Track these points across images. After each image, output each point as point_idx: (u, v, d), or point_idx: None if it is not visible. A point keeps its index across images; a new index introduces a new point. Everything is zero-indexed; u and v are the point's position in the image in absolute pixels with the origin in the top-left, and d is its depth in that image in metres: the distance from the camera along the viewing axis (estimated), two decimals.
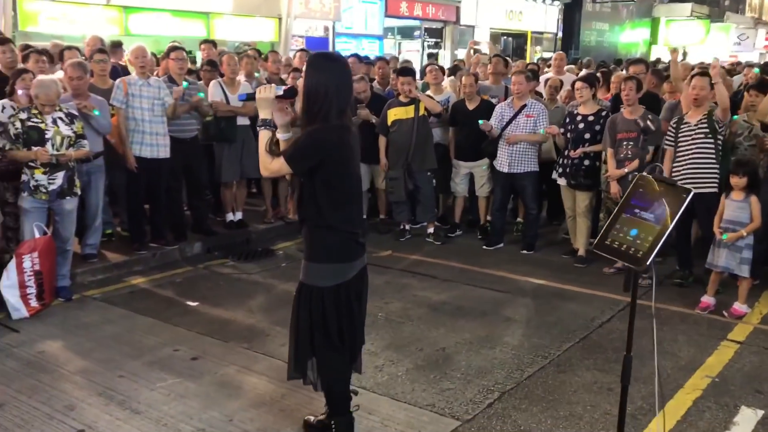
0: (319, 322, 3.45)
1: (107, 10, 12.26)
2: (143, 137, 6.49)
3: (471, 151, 7.59)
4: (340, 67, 3.41)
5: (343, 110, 3.36)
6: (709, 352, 4.96)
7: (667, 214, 2.52)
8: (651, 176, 2.69)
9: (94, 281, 6.28)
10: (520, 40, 24.89)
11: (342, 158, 3.36)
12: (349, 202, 3.44)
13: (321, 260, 3.44)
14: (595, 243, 2.90)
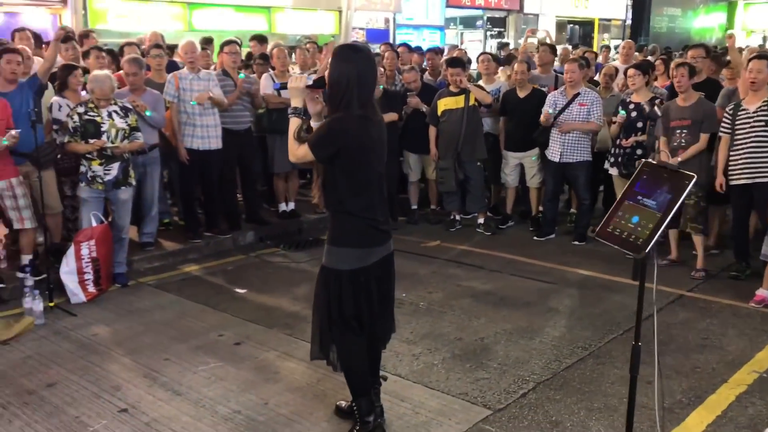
0: (335, 304, 3.53)
1: (172, 7, 12.66)
2: (194, 130, 6.69)
3: (521, 141, 7.50)
4: (363, 58, 3.43)
5: (366, 100, 3.40)
6: (760, 347, 4.78)
7: (669, 201, 2.44)
8: (655, 162, 2.61)
9: (150, 268, 6.53)
10: (587, 27, 24.33)
11: (361, 147, 3.40)
12: (368, 189, 3.48)
13: (340, 244, 3.51)
14: (597, 230, 2.84)
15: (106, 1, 11.66)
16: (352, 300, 3.53)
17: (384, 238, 3.58)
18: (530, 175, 7.64)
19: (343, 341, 3.59)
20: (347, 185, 3.43)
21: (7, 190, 5.49)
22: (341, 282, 3.51)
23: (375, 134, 3.47)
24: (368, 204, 3.48)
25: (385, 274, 3.65)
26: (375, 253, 3.55)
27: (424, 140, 7.75)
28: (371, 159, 3.46)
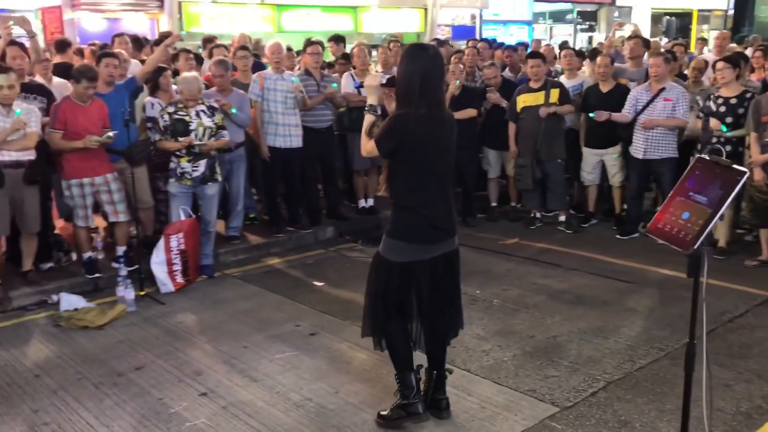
0: (381, 290, 3.67)
1: (262, 9, 13.12)
2: (277, 128, 6.92)
3: (602, 138, 7.35)
4: (428, 57, 3.51)
5: (429, 98, 3.46)
6: None
7: (720, 197, 2.37)
8: (708, 158, 2.54)
9: (235, 261, 6.81)
10: (684, 19, 23.41)
11: (419, 144, 3.48)
12: (425, 186, 3.55)
13: (394, 236, 3.64)
14: (649, 226, 2.79)
15: (200, 5, 12.21)
16: (397, 290, 3.65)
17: (440, 236, 3.62)
18: (612, 173, 7.47)
19: (385, 325, 3.73)
20: (405, 180, 3.55)
21: (103, 185, 5.87)
22: (390, 271, 3.64)
23: (437, 132, 3.53)
24: (425, 201, 3.56)
25: (444, 272, 3.70)
26: (429, 249, 3.61)
27: (504, 136, 7.72)
28: (430, 157, 3.53)
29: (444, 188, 3.62)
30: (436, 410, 3.84)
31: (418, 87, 3.42)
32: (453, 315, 3.82)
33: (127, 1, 11.33)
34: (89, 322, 5.21)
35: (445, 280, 3.71)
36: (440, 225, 3.60)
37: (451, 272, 3.74)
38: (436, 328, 3.78)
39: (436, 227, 3.59)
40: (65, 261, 6.34)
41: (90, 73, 5.74)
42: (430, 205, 3.56)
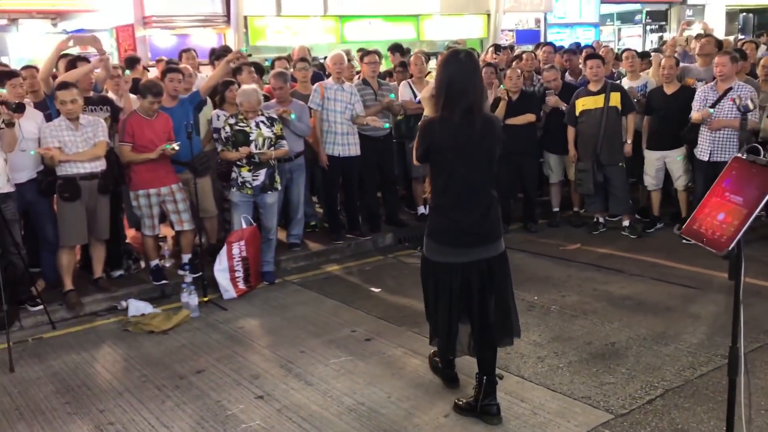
0: (423, 284, 3.99)
1: (325, 21, 13.34)
2: (335, 137, 7.03)
3: (665, 140, 7.16)
4: (457, 63, 3.61)
5: (457, 102, 3.54)
6: None
7: (756, 197, 2.29)
8: (745, 157, 2.46)
9: (296, 267, 6.96)
10: (763, 15, 22.49)
11: (445, 148, 3.61)
12: (452, 190, 3.65)
13: (427, 236, 3.86)
14: (684, 227, 2.70)
15: (265, 19, 12.53)
16: (431, 286, 3.89)
17: (471, 241, 3.69)
18: (676, 176, 7.26)
19: (429, 318, 4.07)
20: (435, 184, 3.74)
21: (169, 195, 6.11)
22: (427, 268, 3.92)
23: (465, 137, 3.59)
24: (452, 204, 3.67)
25: (489, 278, 3.74)
26: (461, 253, 3.71)
27: (565, 141, 7.61)
28: (457, 161, 3.61)
29: (475, 193, 3.66)
30: (487, 416, 3.85)
31: (445, 92, 3.55)
32: (503, 322, 3.82)
33: (196, 17, 11.74)
34: (155, 326, 5.42)
35: (491, 285, 3.73)
36: (470, 230, 3.67)
37: (497, 278, 3.75)
38: (485, 333, 3.80)
39: (466, 232, 3.67)
40: (134, 269, 6.62)
41: (155, 88, 5.99)
42: (458, 208, 3.66)
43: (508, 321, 3.86)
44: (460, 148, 3.60)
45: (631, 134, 7.26)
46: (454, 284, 3.73)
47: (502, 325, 3.83)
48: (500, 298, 3.80)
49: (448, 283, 3.75)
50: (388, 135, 7.65)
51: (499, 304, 3.80)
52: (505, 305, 3.83)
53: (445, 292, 3.79)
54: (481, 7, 15.39)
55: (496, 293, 3.78)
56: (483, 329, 3.79)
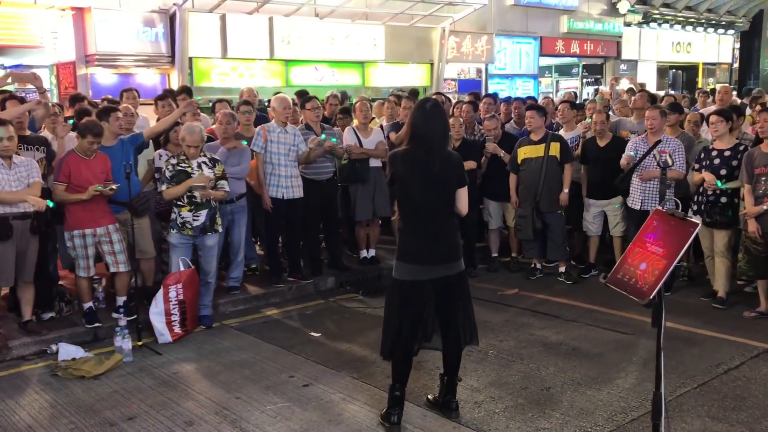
0: (387, 305, 4.38)
1: (271, 64, 13.43)
2: (279, 180, 7.04)
3: (602, 189, 7.42)
4: (421, 111, 4.24)
5: (420, 140, 4.18)
6: None
7: (675, 248, 2.42)
8: (663, 210, 2.60)
9: (235, 311, 6.86)
10: (690, 72, 23.70)
11: (405, 179, 4.21)
12: (415, 214, 4.26)
13: (396, 257, 4.34)
14: (609, 277, 2.83)
15: (210, 61, 12.52)
16: (396, 305, 4.27)
17: (437, 257, 4.21)
18: (613, 224, 7.50)
19: (385, 335, 4.39)
20: (402, 210, 4.39)
21: (105, 236, 5.99)
22: (396, 288, 4.31)
23: (424, 171, 4.16)
24: (416, 227, 4.25)
25: (451, 292, 4.27)
26: (425, 271, 4.21)
27: (505, 188, 7.81)
28: (417, 190, 4.19)
29: (435, 219, 4.21)
30: (447, 410, 4.47)
31: (410, 133, 4.22)
32: (468, 326, 4.36)
33: (140, 57, 11.66)
34: (86, 372, 5.25)
35: (455, 296, 4.28)
36: (432, 249, 4.19)
37: (456, 292, 4.29)
38: (449, 337, 4.34)
39: (430, 252, 4.19)
40: (66, 311, 6.42)
41: (96, 128, 5.90)
42: (421, 231, 4.22)
43: (471, 327, 4.39)
44: (420, 181, 4.16)
45: (567, 183, 7.50)
46: (422, 300, 4.20)
47: (467, 329, 4.36)
48: (464, 307, 4.33)
49: (416, 299, 4.21)
50: (331, 178, 7.71)
51: (464, 311, 4.32)
52: (468, 312, 4.37)
53: (411, 308, 4.22)
54: (424, 57, 15.75)
55: (461, 302, 4.32)
56: (450, 333, 4.31)
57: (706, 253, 6.82)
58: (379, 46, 14.60)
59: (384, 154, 7.96)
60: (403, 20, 14.72)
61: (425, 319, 4.25)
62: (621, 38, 20.20)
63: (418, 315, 4.24)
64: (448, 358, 4.45)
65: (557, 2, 18.43)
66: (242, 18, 12.61)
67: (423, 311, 4.24)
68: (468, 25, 16.13)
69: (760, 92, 14.15)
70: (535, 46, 18.39)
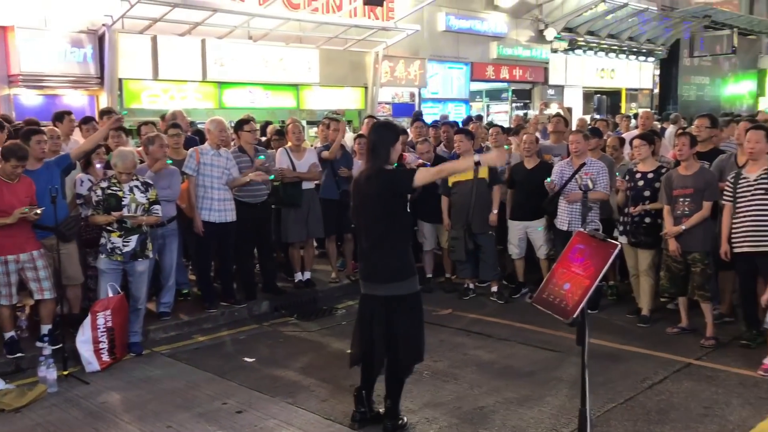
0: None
1: (203, 86, 13.26)
2: (212, 203, 6.96)
3: (528, 211, 7.62)
4: (374, 130, 4.64)
5: (369, 161, 4.48)
6: (763, 416, 4.70)
7: (596, 268, 2.54)
8: (585, 232, 2.72)
9: (166, 338, 6.71)
10: (614, 97, 24.60)
11: (353, 198, 4.54)
12: (361, 234, 4.56)
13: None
14: (534, 297, 2.93)
15: (140, 82, 12.29)
16: (360, 318, 4.60)
17: (374, 278, 4.45)
18: (537, 246, 7.70)
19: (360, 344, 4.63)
20: (357, 230, 4.76)
21: (29, 262, 5.79)
22: (360, 300, 4.65)
23: (366, 190, 4.42)
24: (362, 246, 4.55)
25: (382, 314, 4.43)
26: (371, 288, 4.48)
27: (438, 210, 7.93)
28: (358, 210, 4.50)
29: (372, 239, 4.41)
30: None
31: (364, 152, 4.71)
32: (408, 351, 4.50)
33: (67, 78, 11.34)
34: (6, 404, 5.04)
35: (400, 319, 4.42)
36: (372, 269, 4.45)
37: (389, 316, 4.42)
38: (392, 359, 4.50)
39: (374, 271, 4.44)
40: None
41: (20, 152, 5.71)
42: (365, 251, 4.50)
43: (414, 350, 4.55)
44: (362, 201, 4.44)
45: (496, 204, 7.66)
46: (372, 313, 4.45)
47: (408, 354, 4.50)
48: (408, 331, 4.47)
49: (367, 312, 4.50)
50: (265, 201, 7.66)
51: (408, 335, 4.46)
52: (414, 337, 4.51)
53: (365, 319, 4.51)
54: (359, 80, 15.86)
55: (406, 325, 4.45)
56: (392, 355, 4.46)
57: (631, 272, 7.07)
58: (313, 70, 14.62)
59: (317, 177, 7.99)
60: (338, 44, 14.81)
61: (375, 334, 4.45)
62: (548, 64, 20.80)
63: (368, 329, 4.48)
64: (390, 379, 4.58)
65: (487, 29, 18.88)
66: (174, 40, 12.43)
67: (371, 325, 4.46)
68: (401, 50, 16.34)
69: (677, 118, 14.90)
70: (466, 71, 18.76)
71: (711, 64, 27.53)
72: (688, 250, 6.20)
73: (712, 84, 27.96)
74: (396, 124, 6.25)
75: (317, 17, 14.08)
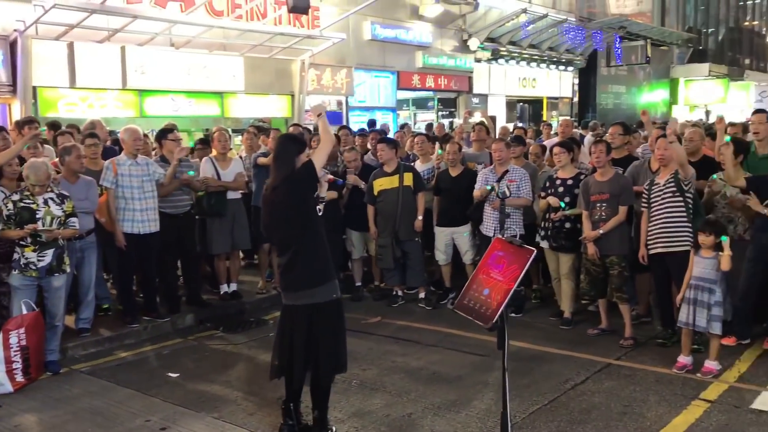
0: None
1: (123, 95, 12.90)
2: (134, 214, 6.76)
3: (453, 217, 7.72)
4: (276, 142, 4.72)
5: (273, 173, 4.49)
6: (678, 412, 4.90)
7: (514, 273, 2.61)
8: (503, 238, 2.80)
9: (85, 355, 6.47)
10: (536, 105, 25.28)
11: (262, 208, 4.57)
12: (273, 244, 4.72)
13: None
14: (456, 303, 2.99)
15: (56, 90, 11.87)
16: (280, 328, 4.57)
17: (288, 287, 4.48)
18: (463, 251, 7.81)
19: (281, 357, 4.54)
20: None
21: None
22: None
23: (269, 205, 4.48)
24: (280, 258, 4.57)
25: (299, 323, 4.39)
26: (287, 297, 4.48)
27: (366, 218, 7.94)
28: (269, 224, 4.52)
29: (285, 248, 4.44)
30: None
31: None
32: (328, 361, 4.43)
33: None
34: None
35: (318, 327, 4.39)
36: (287, 278, 4.46)
37: (304, 325, 4.37)
38: (314, 370, 4.44)
39: (285, 280, 4.51)
40: None
41: None
42: (281, 262, 4.53)
43: (334, 360, 4.48)
44: (273, 215, 4.44)
45: (421, 211, 7.73)
46: (291, 324, 4.43)
47: (328, 363, 4.44)
48: (328, 341, 4.42)
49: (287, 323, 4.47)
50: (188, 211, 7.50)
51: (328, 344, 4.42)
52: (335, 346, 4.46)
53: (285, 330, 4.48)
54: (285, 88, 15.76)
55: (325, 335, 4.40)
56: (313, 365, 4.41)
57: (553, 276, 7.25)
58: (238, 77, 14.43)
59: (243, 187, 7.89)
60: (263, 52, 14.67)
61: (293, 345, 4.42)
62: (472, 74, 21.20)
63: (288, 339, 4.45)
64: (312, 389, 4.56)
65: (412, 38, 19.09)
66: (92, 46, 12.05)
67: (291, 335, 4.43)
68: (327, 58, 16.34)
69: (595, 125, 15.42)
70: (392, 80, 18.91)
71: (627, 74, 28.68)
72: (606, 254, 6.42)
73: (628, 92, 29.11)
74: (300, 135, 6.24)
75: (241, 24, 13.91)
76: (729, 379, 5.47)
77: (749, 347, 6.15)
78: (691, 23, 33.86)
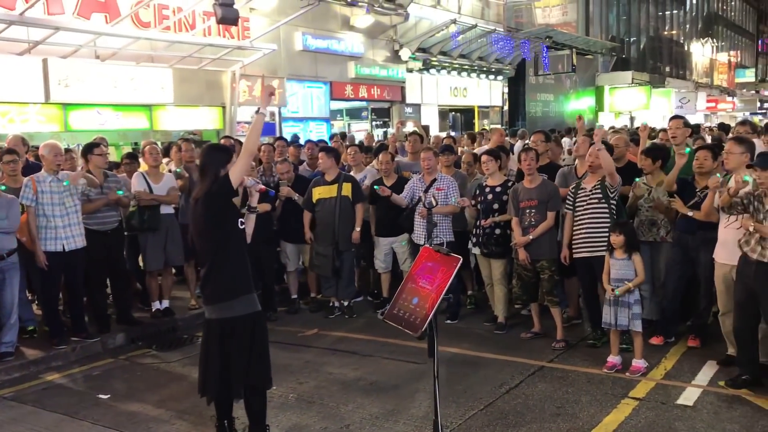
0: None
1: (46, 108, 12.47)
2: (56, 232, 6.54)
3: (390, 227, 7.76)
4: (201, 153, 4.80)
5: (199, 181, 4.49)
6: (608, 411, 5.04)
7: (441, 281, 2.65)
8: (430, 247, 2.84)
9: (9, 380, 6.20)
10: (468, 114, 25.68)
11: (189, 219, 4.63)
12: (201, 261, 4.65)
13: None
14: (386, 312, 3.03)
15: None
16: (201, 344, 4.62)
17: (207, 300, 4.47)
18: (402, 260, 7.85)
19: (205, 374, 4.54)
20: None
21: None
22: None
23: (191, 211, 4.53)
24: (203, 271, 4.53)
25: (213, 336, 4.39)
26: (207, 311, 4.48)
27: (300, 230, 7.89)
28: (194, 237, 4.48)
29: (205, 259, 4.44)
30: None
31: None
32: (250, 377, 4.37)
33: None
34: None
35: (235, 344, 4.33)
36: (206, 291, 4.46)
37: (235, 337, 4.33)
38: (227, 385, 4.41)
39: (204, 293, 4.49)
40: None
41: None
42: (202, 274, 4.52)
43: (250, 376, 4.38)
44: (195, 226, 4.45)
45: (359, 222, 7.75)
46: (207, 336, 4.44)
47: (252, 379, 4.40)
48: (248, 356, 4.34)
49: (208, 338, 4.44)
50: (118, 227, 7.30)
51: (249, 360, 4.34)
52: (256, 362, 4.37)
53: (206, 346, 4.47)
54: (215, 100, 15.54)
55: (243, 350, 4.33)
56: (226, 381, 4.36)
57: (486, 282, 7.36)
58: (167, 89, 14.14)
59: (176, 201, 7.73)
60: (192, 63, 14.44)
61: (209, 358, 4.41)
62: (405, 83, 21.38)
63: (210, 354, 4.41)
64: (246, 405, 4.52)
65: (344, 49, 19.14)
66: (11, 59, 11.62)
67: (209, 350, 4.41)
68: (259, 69, 16.20)
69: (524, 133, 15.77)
70: (325, 91, 18.89)
71: (554, 82, 29.46)
72: (536, 258, 6.56)
73: (556, 101, 29.91)
74: (227, 146, 6.22)
75: (169, 36, 13.67)
76: (656, 377, 5.66)
77: (674, 345, 6.38)
78: (614, 32, 35.09)
